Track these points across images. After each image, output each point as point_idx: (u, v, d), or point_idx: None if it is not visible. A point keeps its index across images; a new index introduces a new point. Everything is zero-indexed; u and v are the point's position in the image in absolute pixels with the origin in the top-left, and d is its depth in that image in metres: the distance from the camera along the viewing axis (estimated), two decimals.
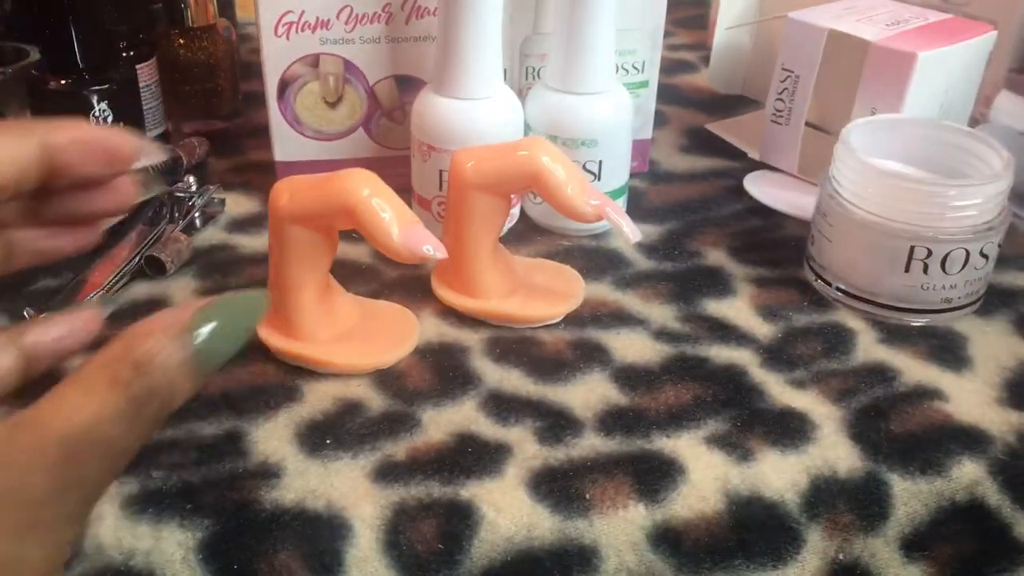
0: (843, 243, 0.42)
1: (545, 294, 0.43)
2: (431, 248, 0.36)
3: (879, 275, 0.42)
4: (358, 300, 0.42)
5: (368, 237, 0.36)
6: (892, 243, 0.41)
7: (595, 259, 0.47)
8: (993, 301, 0.45)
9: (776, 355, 0.40)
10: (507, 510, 0.32)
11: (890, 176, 0.41)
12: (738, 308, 0.44)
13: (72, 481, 0.23)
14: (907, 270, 0.41)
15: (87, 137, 0.29)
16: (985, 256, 0.41)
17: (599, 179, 0.48)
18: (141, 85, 0.55)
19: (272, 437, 0.35)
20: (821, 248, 0.44)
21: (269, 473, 0.34)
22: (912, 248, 0.40)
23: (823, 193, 0.44)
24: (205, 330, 0.26)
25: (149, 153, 0.31)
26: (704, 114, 0.65)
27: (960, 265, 0.40)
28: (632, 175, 0.54)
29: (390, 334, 0.40)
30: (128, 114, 0.53)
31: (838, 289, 0.43)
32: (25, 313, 0.42)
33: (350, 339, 0.39)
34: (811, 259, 0.45)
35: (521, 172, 0.39)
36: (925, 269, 0.40)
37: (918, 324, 0.42)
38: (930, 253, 0.40)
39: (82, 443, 0.23)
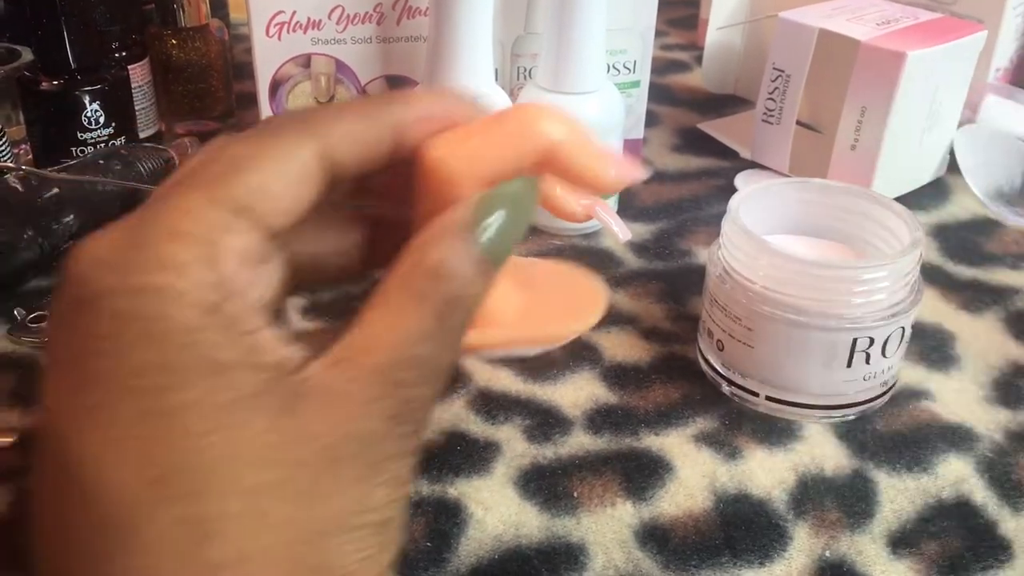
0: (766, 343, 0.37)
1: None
2: (633, 172, 0.30)
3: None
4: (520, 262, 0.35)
5: (576, 175, 0.29)
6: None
7: (586, 258, 0.47)
8: (983, 299, 0.45)
9: None
10: (495, 508, 0.32)
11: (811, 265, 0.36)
12: None
13: (403, 411, 0.22)
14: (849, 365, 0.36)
15: (435, 113, 0.26)
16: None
17: None
18: (133, 86, 0.55)
19: None
20: (733, 351, 0.38)
21: None
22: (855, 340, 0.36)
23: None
24: (489, 223, 0.25)
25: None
26: (696, 114, 0.65)
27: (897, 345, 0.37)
28: None
29: (573, 296, 0.34)
30: (121, 115, 0.53)
31: None
32: (16, 313, 0.42)
33: (538, 307, 0.33)
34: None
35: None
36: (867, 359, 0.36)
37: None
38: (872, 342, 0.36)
39: (403, 368, 0.22)
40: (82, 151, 0.52)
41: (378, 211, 0.29)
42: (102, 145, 0.52)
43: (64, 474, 0.21)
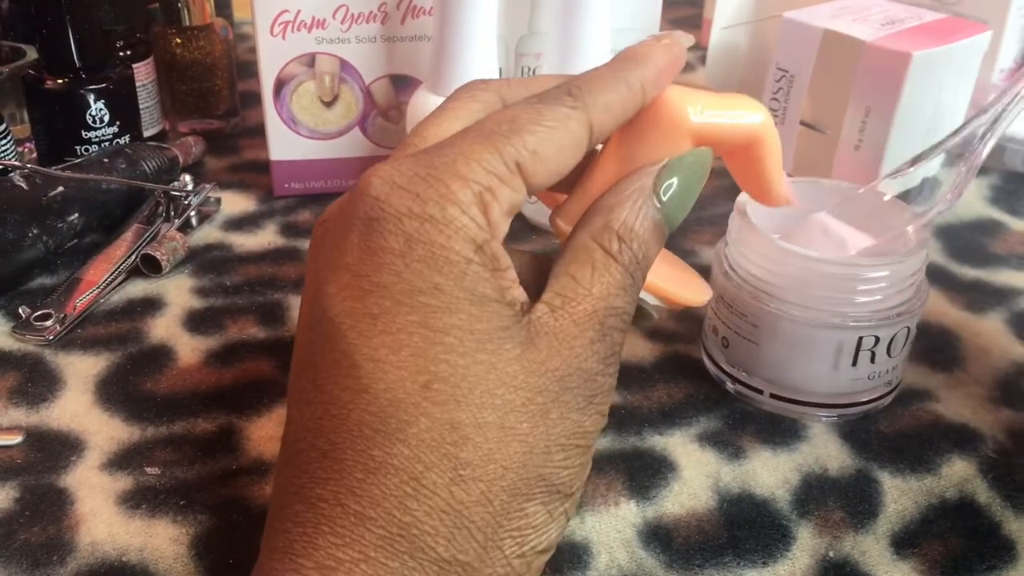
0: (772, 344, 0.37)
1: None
2: (795, 200, 0.32)
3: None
4: None
5: (756, 173, 0.30)
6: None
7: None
8: (987, 300, 0.45)
9: None
10: None
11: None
12: None
13: (607, 352, 0.26)
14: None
15: (669, 66, 0.28)
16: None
17: None
18: (138, 84, 0.55)
19: (266, 433, 0.36)
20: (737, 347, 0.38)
21: (263, 469, 0.34)
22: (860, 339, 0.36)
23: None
24: (669, 189, 0.27)
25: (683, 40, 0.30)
26: None
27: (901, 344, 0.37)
28: None
29: (685, 278, 0.33)
30: (125, 113, 0.53)
31: None
32: (20, 311, 0.42)
33: (660, 273, 0.31)
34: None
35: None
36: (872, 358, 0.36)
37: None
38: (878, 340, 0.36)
39: (609, 315, 0.26)
40: (86, 150, 0.52)
41: None
42: (106, 144, 0.53)
43: (342, 362, 0.24)
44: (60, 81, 0.51)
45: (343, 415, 0.24)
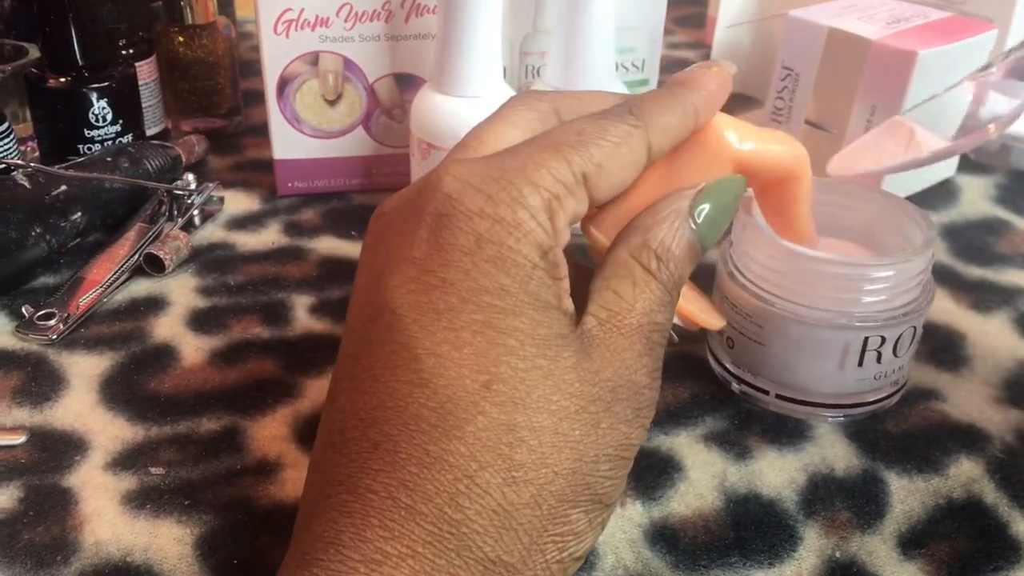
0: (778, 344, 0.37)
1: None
2: (817, 243, 0.34)
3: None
4: None
5: (786, 209, 0.32)
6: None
7: (591, 258, 0.47)
8: (993, 300, 0.45)
9: None
10: None
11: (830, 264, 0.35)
12: None
13: (653, 366, 0.26)
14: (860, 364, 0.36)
15: (718, 92, 0.29)
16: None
17: None
18: (140, 83, 0.55)
19: (270, 433, 0.36)
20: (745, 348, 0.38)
21: (267, 469, 0.34)
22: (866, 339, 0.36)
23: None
24: (703, 212, 0.28)
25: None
26: None
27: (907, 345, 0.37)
28: None
29: (702, 302, 0.33)
30: (128, 112, 0.53)
31: None
32: (23, 311, 0.42)
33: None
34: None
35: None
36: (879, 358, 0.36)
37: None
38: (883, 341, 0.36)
39: (650, 330, 0.26)
40: (89, 148, 0.52)
41: None
42: (109, 143, 0.52)
43: (402, 354, 0.24)
44: (63, 80, 0.51)
45: (400, 407, 0.24)
